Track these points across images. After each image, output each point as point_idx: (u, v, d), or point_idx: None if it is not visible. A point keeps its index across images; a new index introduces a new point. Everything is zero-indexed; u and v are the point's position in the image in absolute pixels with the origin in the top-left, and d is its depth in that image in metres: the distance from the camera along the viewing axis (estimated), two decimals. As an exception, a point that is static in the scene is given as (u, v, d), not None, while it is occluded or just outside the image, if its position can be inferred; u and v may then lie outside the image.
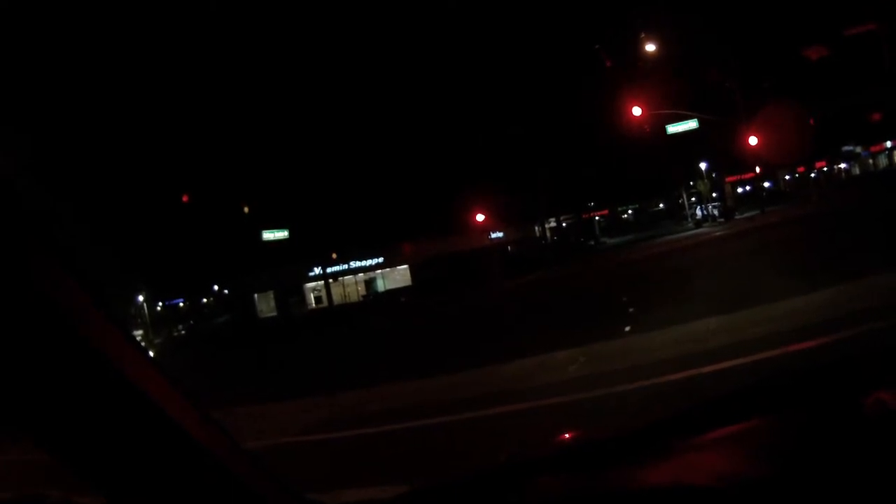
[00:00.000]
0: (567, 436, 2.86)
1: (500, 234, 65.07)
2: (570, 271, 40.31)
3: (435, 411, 10.34)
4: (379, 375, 14.38)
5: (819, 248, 21.42)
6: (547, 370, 11.64)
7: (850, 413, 2.09)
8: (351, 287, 65.93)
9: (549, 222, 74.83)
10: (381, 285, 64.77)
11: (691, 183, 77.07)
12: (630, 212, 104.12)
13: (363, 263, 65.07)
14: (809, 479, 1.93)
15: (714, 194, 73.62)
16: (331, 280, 65.76)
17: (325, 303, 64.88)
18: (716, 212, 66.28)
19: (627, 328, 14.25)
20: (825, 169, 77.78)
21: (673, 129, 54.90)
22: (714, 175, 73.25)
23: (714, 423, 2.27)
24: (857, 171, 77.45)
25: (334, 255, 63.61)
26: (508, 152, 57.95)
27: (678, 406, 2.53)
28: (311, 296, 67.35)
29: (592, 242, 72.20)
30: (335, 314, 54.07)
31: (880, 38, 48.51)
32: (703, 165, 71.75)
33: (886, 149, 73.36)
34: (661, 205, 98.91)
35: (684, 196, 78.84)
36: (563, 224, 79.89)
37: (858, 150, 73.82)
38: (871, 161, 75.85)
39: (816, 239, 24.89)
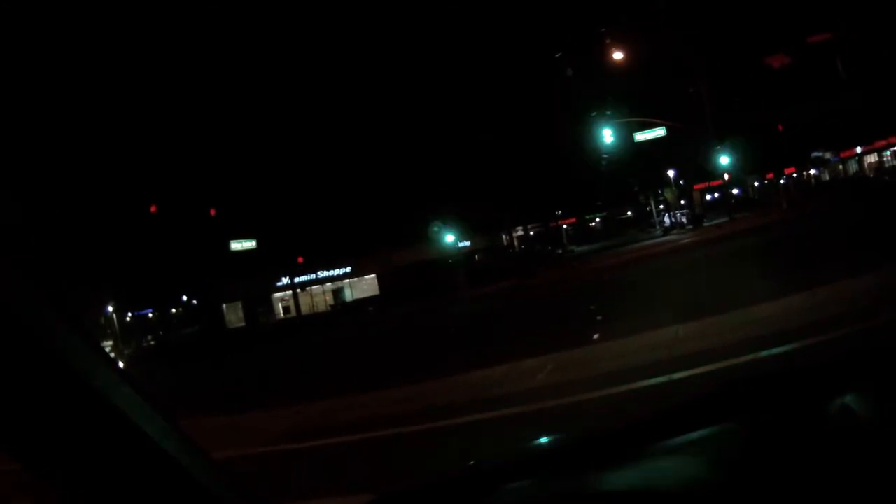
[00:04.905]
0: (535, 442, 2.87)
1: (467, 243, 65.13)
2: (538, 280, 40.34)
3: (404, 421, 10.28)
4: (348, 385, 14.29)
5: (788, 254, 21.64)
6: (516, 378, 11.61)
7: (816, 419, 2.11)
8: (319, 297, 65.79)
9: (517, 231, 74.98)
10: (348, 295, 64.70)
11: (659, 190, 77.38)
12: (598, 220, 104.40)
13: (331, 273, 65.22)
14: (774, 485, 1.94)
15: (682, 202, 74.00)
16: (298, 290, 65.68)
17: (293, 313, 64.70)
18: (684, 219, 66.54)
19: (596, 336, 14.18)
20: (794, 175, 78.47)
21: (640, 136, 55.17)
22: (682, 182, 73.63)
23: (681, 429, 2.28)
24: (826, 176, 77.96)
25: (301, 261, 63.60)
26: (476, 160, 58.15)
27: (646, 412, 2.55)
28: (280, 306, 67.13)
29: (560, 251, 72.28)
30: (302, 324, 53.93)
31: (838, 47, 49.24)
32: (670, 173, 72.12)
33: (856, 154, 74.07)
34: (629, 213, 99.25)
35: (652, 204, 79.11)
36: (531, 232, 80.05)
37: (828, 155, 74.32)
38: (840, 167, 76.44)
39: (785, 245, 25.05)
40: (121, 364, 1.57)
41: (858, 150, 72.79)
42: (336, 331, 38.84)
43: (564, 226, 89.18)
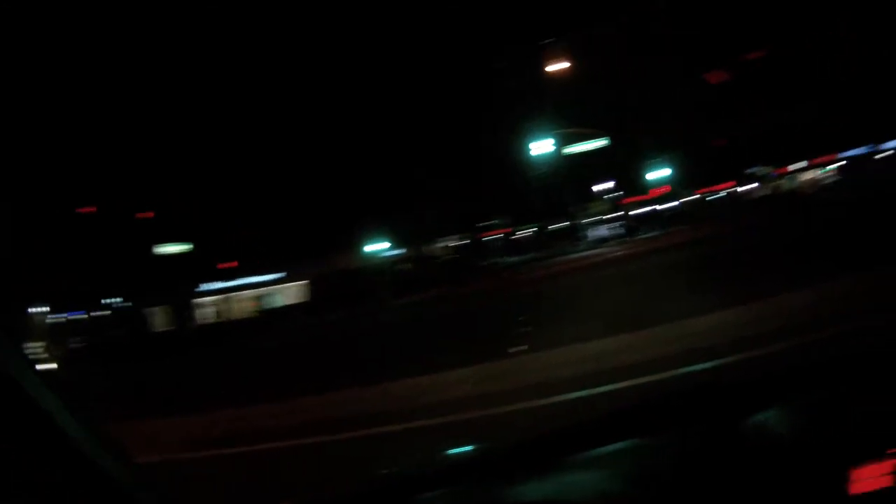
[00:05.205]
0: (454, 451, 2.89)
1: (398, 251, 65.57)
2: (467, 289, 40.35)
3: (323, 429, 10.17)
4: (269, 392, 14.11)
5: (723, 268, 21.61)
6: (443, 388, 11.40)
7: (732, 435, 2.18)
8: (247, 302, 65.39)
9: (448, 240, 75.00)
10: (277, 300, 64.50)
11: (592, 202, 77.84)
12: (529, 230, 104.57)
13: (260, 278, 64.95)
14: (687, 499, 2.00)
15: (615, 214, 74.61)
16: (227, 294, 65.32)
17: (221, 317, 64.18)
18: (616, 232, 66.96)
19: (525, 347, 14.08)
20: (732, 190, 79.61)
21: (575, 148, 55.53)
22: (616, 195, 74.27)
23: (598, 441, 2.33)
24: (764, 192, 78.80)
25: (233, 266, 63.15)
26: (408, 169, 58.18)
27: (565, 424, 2.59)
28: (207, 310, 66.51)
29: (490, 261, 72.47)
30: (230, 329, 53.51)
31: (775, 62, 50.18)
32: (604, 185, 72.66)
33: (795, 170, 74.96)
34: (561, 224, 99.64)
35: (585, 216, 79.52)
36: (462, 242, 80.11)
37: (766, 171, 75.17)
38: (778, 183, 77.31)
39: (720, 260, 25.07)
40: (52, 365, 1.58)
41: (798, 166, 73.93)
42: (264, 336, 38.56)
43: (495, 236, 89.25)
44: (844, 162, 68.37)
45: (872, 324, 8.23)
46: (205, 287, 64.65)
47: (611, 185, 72.86)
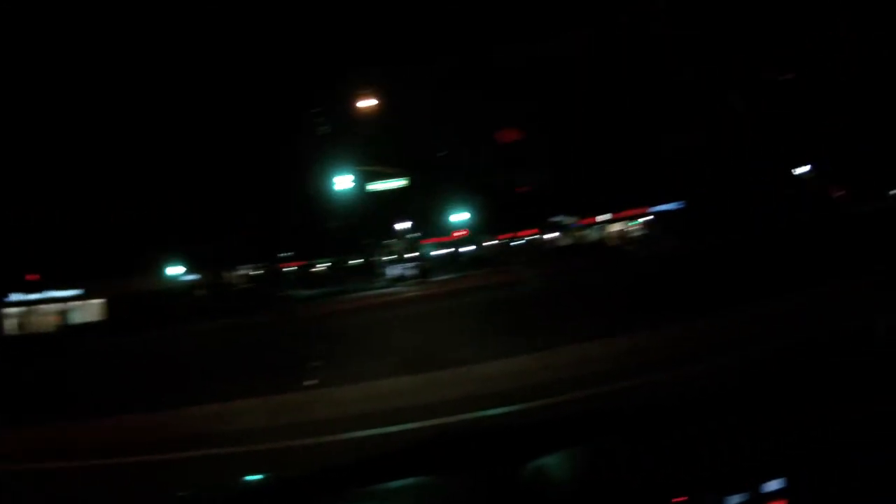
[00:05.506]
0: (246, 478, 2.86)
1: (193, 276, 65.49)
2: (260, 319, 39.90)
3: (112, 452, 9.84)
4: (57, 412, 13.48)
5: (515, 315, 21.81)
6: (230, 418, 11.11)
7: (510, 478, 2.20)
8: (48, 317, 63.62)
9: (243, 269, 74.22)
10: (76, 317, 62.78)
11: (389, 241, 78.44)
12: (324, 265, 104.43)
13: (61, 294, 63.77)
14: None
15: (412, 254, 75.33)
16: (27, 307, 64.06)
17: (24, 330, 61.94)
18: (412, 272, 67.42)
19: (314, 381, 13.87)
20: (532, 237, 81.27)
21: (376, 186, 55.95)
22: (413, 235, 75.07)
23: (384, 476, 2.34)
24: (565, 241, 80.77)
25: (35, 279, 61.14)
26: (206, 195, 57.64)
27: (349, 459, 2.59)
28: (10, 321, 64.08)
29: (284, 293, 71.94)
30: (25, 343, 51.33)
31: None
32: (402, 225, 73.34)
33: (598, 222, 77.24)
34: (356, 260, 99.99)
35: (381, 254, 79.87)
36: (257, 272, 79.27)
37: (568, 220, 76.90)
38: (580, 233, 79.61)
39: (512, 306, 25.44)
40: None
41: (601, 217, 76.23)
42: (57, 354, 36.98)
43: (290, 268, 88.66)
44: (651, 217, 71.23)
45: (658, 378, 8.60)
46: (13, 297, 62.62)
47: (411, 225, 73.65)
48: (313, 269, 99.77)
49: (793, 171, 56.17)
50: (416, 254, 74.88)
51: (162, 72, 55.09)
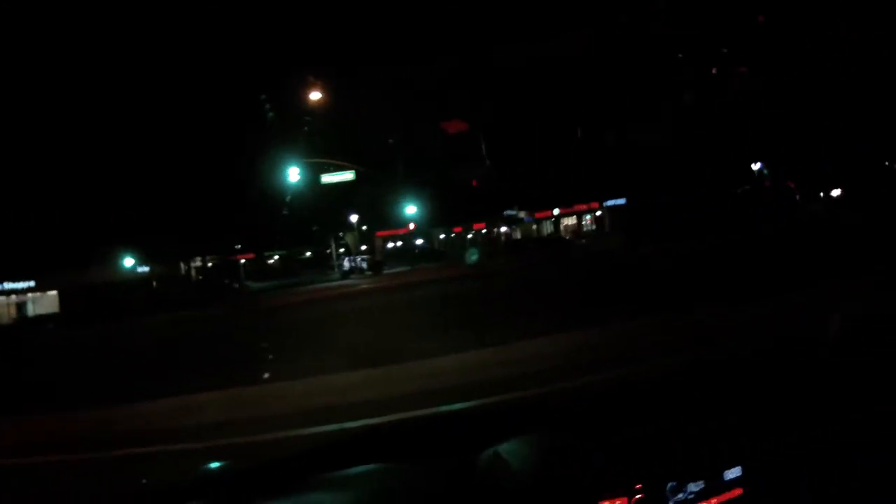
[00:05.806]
0: (206, 466, 2.92)
1: (146, 269, 65.25)
2: (213, 313, 39.60)
3: (66, 448, 9.60)
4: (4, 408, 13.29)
5: (467, 309, 21.93)
6: (184, 413, 10.98)
7: (467, 464, 2.30)
8: (5, 308, 62.71)
9: (196, 261, 73.63)
10: (30, 309, 62.23)
11: (341, 234, 78.06)
12: (277, 257, 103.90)
13: (15, 286, 62.58)
14: None
15: (364, 247, 75.12)
16: None
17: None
18: (364, 265, 67.17)
19: (268, 375, 14.01)
20: (484, 231, 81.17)
21: (327, 178, 55.60)
22: (365, 228, 74.82)
23: (341, 463, 2.42)
24: (518, 235, 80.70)
25: None
26: (159, 185, 57.16)
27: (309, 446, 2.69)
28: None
29: (237, 285, 71.40)
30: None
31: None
32: (353, 217, 73.05)
33: (552, 216, 77.09)
34: (308, 253, 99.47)
35: (333, 246, 79.48)
36: (209, 264, 78.66)
37: (521, 214, 76.56)
38: (534, 227, 79.51)
39: (464, 300, 25.56)
40: None
41: (555, 212, 75.91)
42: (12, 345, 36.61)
43: (243, 261, 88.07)
44: (599, 213, 71.13)
45: (617, 374, 8.71)
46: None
47: (362, 217, 73.39)
48: (268, 262, 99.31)
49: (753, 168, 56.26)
50: (368, 247, 74.75)
51: (113, 61, 54.34)
